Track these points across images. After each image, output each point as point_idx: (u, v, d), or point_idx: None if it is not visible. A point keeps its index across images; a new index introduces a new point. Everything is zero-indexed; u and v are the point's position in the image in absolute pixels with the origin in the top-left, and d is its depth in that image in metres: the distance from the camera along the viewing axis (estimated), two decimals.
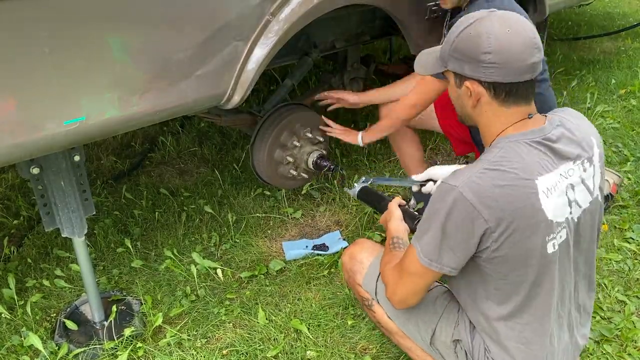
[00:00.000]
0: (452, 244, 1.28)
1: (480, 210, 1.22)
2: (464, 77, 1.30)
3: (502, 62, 1.23)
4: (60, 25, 1.34)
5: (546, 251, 1.28)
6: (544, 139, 1.30)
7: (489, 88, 1.28)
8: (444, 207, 1.26)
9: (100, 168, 3.02)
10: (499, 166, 1.25)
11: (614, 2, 6.42)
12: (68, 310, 1.99)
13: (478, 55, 1.25)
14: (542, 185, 1.26)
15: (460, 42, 1.29)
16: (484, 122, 1.36)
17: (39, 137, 1.40)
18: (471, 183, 1.24)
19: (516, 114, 1.31)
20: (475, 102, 1.32)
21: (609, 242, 2.39)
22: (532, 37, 1.26)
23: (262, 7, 1.75)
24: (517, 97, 1.29)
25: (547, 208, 1.26)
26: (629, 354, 1.85)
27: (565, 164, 1.31)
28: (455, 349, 1.49)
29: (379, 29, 2.73)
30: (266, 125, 2.35)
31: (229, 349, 1.88)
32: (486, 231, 1.24)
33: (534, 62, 1.25)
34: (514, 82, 1.25)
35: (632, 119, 3.56)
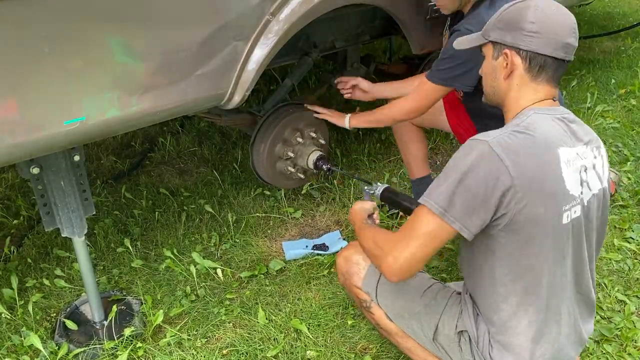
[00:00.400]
0: (470, 196, 1.23)
1: (509, 166, 1.23)
2: (504, 45, 1.38)
3: (543, 32, 1.31)
4: (60, 25, 1.34)
5: (561, 221, 1.29)
6: (564, 117, 1.37)
7: (525, 58, 1.35)
8: (469, 158, 1.26)
9: (100, 168, 3.02)
10: (527, 130, 1.30)
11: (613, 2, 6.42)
12: (68, 310, 1.99)
13: (523, 23, 1.33)
14: (564, 155, 1.30)
15: (508, 13, 1.38)
16: (513, 96, 1.41)
17: (39, 137, 1.40)
18: (501, 140, 1.26)
19: (544, 92, 1.38)
20: (509, 72, 1.39)
21: (609, 242, 2.39)
22: (573, 22, 1.35)
23: (262, 7, 1.75)
24: (548, 75, 1.36)
25: (566, 177, 1.30)
26: (629, 354, 1.85)
27: (581, 145, 1.36)
28: (459, 341, 1.48)
29: (378, 29, 2.73)
30: (266, 125, 2.35)
31: (229, 349, 1.88)
32: (509, 189, 1.23)
33: (569, 43, 1.34)
34: (548, 55, 1.33)
35: (632, 118, 3.56)
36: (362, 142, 3.18)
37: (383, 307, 1.61)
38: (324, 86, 2.91)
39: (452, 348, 1.49)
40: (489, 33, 1.42)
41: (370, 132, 3.31)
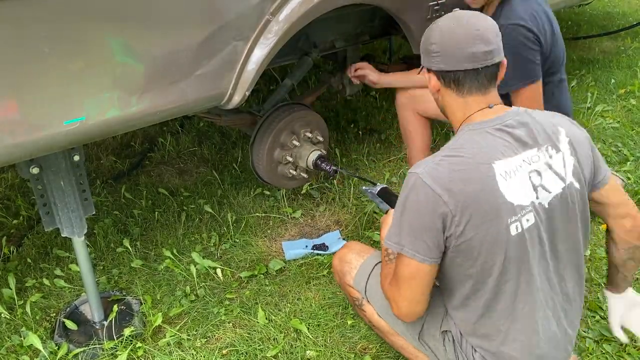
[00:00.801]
0: (415, 226, 1.31)
1: (440, 194, 1.28)
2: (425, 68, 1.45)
3: (442, 51, 1.36)
4: (60, 25, 1.34)
5: (510, 233, 1.30)
6: (504, 125, 1.36)
7: (439, 77, 1.40)
8: (406, 192, 1.34)
9: (99, 168, 3.02)
10: (456, 153, 1.33)
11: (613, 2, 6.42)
12: (68, 310, 1.99)
13: (427, 45, 1.40)
14: (500, 168, 1.30)
15: (423, 37, 1.45)
16: (449, 112, 1.46)
17: (39, 137, 1.40)
18: (430, 169, 1.31)
19: (473, 104, 1.39)
20: (435, 91, 1.45)
21: None
22: (475, 29, 1.34)
23: (262, 7, 1.75)
24: (470, 86, 1.37)
25: (506, 191, 1.30)
26: (629, 354, 1.85)
27: (529, 150, 1.35)
28: (444, 341, 1.51)
29: (378, 29, 2.73)
30: (266, 125, 2.35)
31: (228, 349, 1.88)
32: (447, 215, 1.28)
33: (475, 52, 1.33)
34: (457, 70, 1.35)
35: (632, 118, 3.56)
36: (362, 142, 3.18)
37: (373, 304, 1.64)
38: (323, 86, 2.91)
39: (437, 347, 1.53)
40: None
41: (370, 132, 3.31)
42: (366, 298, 1.65)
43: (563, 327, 1.47)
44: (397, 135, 3.27)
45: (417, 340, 1.56)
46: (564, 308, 1.47)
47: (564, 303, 1.47)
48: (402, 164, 3.02)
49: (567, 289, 1.47)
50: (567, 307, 1.48)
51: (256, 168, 2.43)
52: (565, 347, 1.48)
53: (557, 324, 1.45)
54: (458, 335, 1.48)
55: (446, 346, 1.51)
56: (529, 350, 1.40)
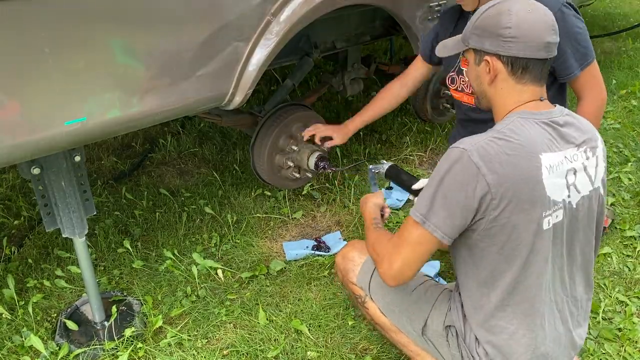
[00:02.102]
0: (449, 202, 1.28)
1: (485, 174, 1.24)
2: (484, 52, 1.38)
3: (521, 36, 1.31)
4: (60, 25, 1.34)
5: (542, 227, 1.30)
6: (552, 121, 1.35)
7: (506, 63, 1.35)
8: (447, 166, 1.29)
9: (101, 168, 3.02)
10: (507, 137, 1.29)
11: (614, 3, 6.42)
12: (69, 311, 1.99)
13: (499, 29, 1.33)
14: (546, 161, 1.29)
15: (483, 19, 1.38)
16: (499, 100, 1.41)
17: (40, 137, 1.40)
18: (479, 147, 1.27)
19: (529, 93, 1.37)
20: (492, 77, 1.39)
21: (610, 243, 2.39)
22: (551, 19, 1.34)
23: (263, 7, 1.75)
24: (532, 75, 1.36)
25: (547, 184, 1.29)
26: (629, 354, 1.85)
27: (570, 148, 1.35)
28: (447, 336, 1.50)
29: (379, 29, 2.73)
30: (267, 126, 2.35)
31: (229, 350, 1.88)
32: (486, 195, 1.25)
33: (550, 42, 1.33)
34: (530, 57, 1.32)
35: (633, 119, 3.56)
36: (363, 143, 3.18)
37: (376, 301, 1.64)
38: (324, 86, 2.91)
39: (440, 343, 1.52)
40: (468, 40, 1.43)
41: (371, 133, 3.31)
42: (369, 295, 1.65)
43: (569, 330, 1.47)
44: (398, 136, 3.27)
45: (420, 336, 1.55)
46: (571, 311, 1.47)
47: (572, 306, 1.47)
48: (403, 164, 3.03)
49: (576, 293, 1.48)
50: (574, 311, 1.48)
51: (257, 169, 2.43)
52: (569, 352, 1.48)
53: (563, 325, 1.45)
54: (462, 329, 1.47)
55: (449, 341, 1.50)
56: (534, 347, 1.39)
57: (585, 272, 1.49)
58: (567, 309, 1.46)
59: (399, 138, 3.25)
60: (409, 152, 3.12)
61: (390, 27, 2.74)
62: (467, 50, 1.45)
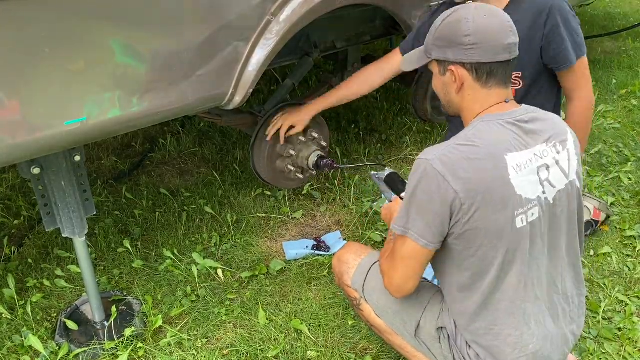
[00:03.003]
0: (423, 211, 1.31)
1: (450, 181, 1.27)
2: (448, 62, 1.40)
3: (481, 42, 1.33)
4: (60, 25, 1.34)
5: (515, 225, 1.31)
6: (517, 120, 1.37)
7: (471, 70, 1.37)
8: (416, 178, 1.33)
9: (100, 168, 3.02)
10: (469, 142, 1.32)
11: (614, 2, 6.42)
12: (69, 310, 1.99)
13: (459, 38, 1.35)
14: (512, 161, 1.31)
15: (442, 30, 1.40)
16: (466, 107, 1.43)
17: (40, 137, 1.40)
18: (442, 156, 1.30)
19: (495, 96, 1.39)
20: (459, 86, 1.41)
21: (610, 242, 2.39)
22: (507, 20, 1.37)
23: (263, 7, 1.75)
24: (497, 79, 1.38)
25: (516, 183, 1.30)
26: (629, 354, 1.85)
27: (539, 145, 1.37)
28: (439, 338, 1.52)
29: (379, 29, 2.73)
30: (267, 126, 2.35)
31: (229, 349, 1.88)
32: (455, 202, 1.28)
33: (510, 43, 1.35)
34: (493, 62, 1.35)
35: (633, 119, 3.56)
36: (363, 143, 3.18)
37: (370, 303, 1.64)
38: (324, 86, 2.91)
39: (433, 345, 1.54)
40: (430, 52, 1.44)
41: (371, 132, 3.31)
42: (364, 297, 1.66)
43: (561, 327, 1.47)
44: (398, 136, 3.27)
45: (413, 338, 1.56)
46: (563, 308, 1.47)
47: (563, 303, 1.47)
48: (403, 164, 3.03)
49: (566, 288, 1.48)
50: (566, 307, 1.48)
51: (257, 168, 2.43)
52: (562, 349, 1.48)
53: (554, 323, 1.45)
54: (453, 332, 1.48)
55: (442, 343, 1.51)
56: (522, 345, 1.39)
57: (572, 266, 1.49)
58: (559, 306, 1.46)
59: (399, 138, 3.25)
60: (409, 152, 3.12)
61: (390, 27, 2.74)
62: (430, 62, 1.47)
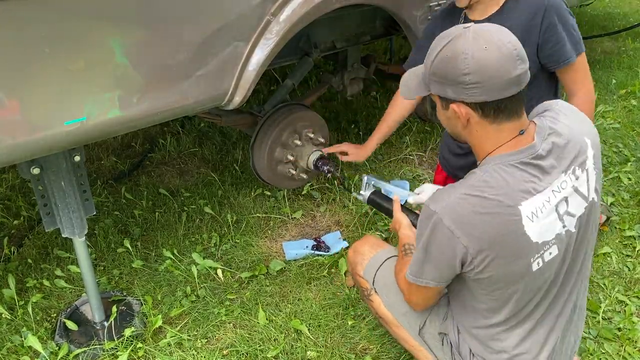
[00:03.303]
0: (435, 263, 1.33)
1: (459, 237, 1.23)
2: (449, 99, 1.26)
3: (484, 81, 1.18)
4: (60, 25, 1.34)
5: (531, 270, 1.29)
6: (533, 157, 1.25)
7: (475, 108, 1.23)
8: (426, 230, 1.29)
9: (100, 168, 3.02)
10: (480, 192, 1.22)
11: (614, 2, 6.42)
12: (68, 311, 1.99)
13: (458, 77, 1.20)
14: (527, 210, 1.22)
15: (438, 65, 1.24)
16: (476, 142, 1.32)
17: (40, 137, 1.40)
18: (450, 210, 1.23)
19: (507, 132, 1.26)
20: (465, 123, 1.28)
21: (610, 242, 2.39)
22: (512, 48, 1.19)
23: (263, 7, 1.75)
24: (508, 113, 1.24)
25: (531, 232, 1.24)
26: (629, 354, 1.85)
27: (558, 177, 1.28)
28: (442, 342, 1.54)
29: (379, 29, 2.73)
30: (266, 126, 2.35)
31: (229, 349, 1.88)
32: (466, 256, 1.26)
33: (518, 75, 1.19)
34: (501, 98, 1.20)
35: (633, 119, 3.56)
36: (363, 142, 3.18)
37: (380, 295, 1.66)
38: (324, 86, 2.91)
39: (435, 346, 1.56)
40: (429, 86, 1.30)
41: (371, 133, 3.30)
42: (374, 289, 1.67)
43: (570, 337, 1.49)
44: (398, 136, 3.27)
45: (417, 336, 1.58)
46: (573, 320, 1.49)
47: (576, 318, 1.49)
48: (403, 164, 3.03)
49: (578, 302, 1.49)
50: (576, 319, 1.50)
51: (257, 168, 2.43)
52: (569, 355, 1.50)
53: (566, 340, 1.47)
54: (456, 341, 1.50)
55: (444, 348, 1.54)
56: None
57: (586, 279, 1.50)
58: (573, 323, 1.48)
59: (398, 138, 3.25)
60: (408, 152, 3.12)
61: (390, 27, 2.74)
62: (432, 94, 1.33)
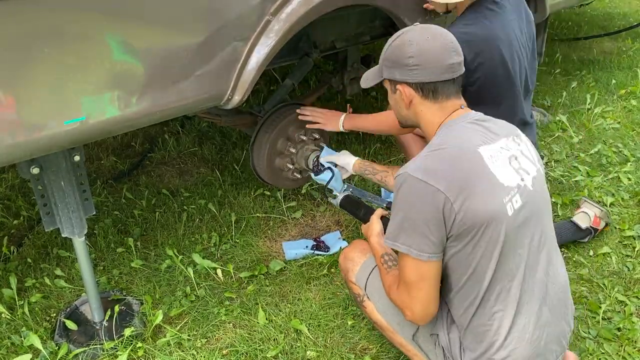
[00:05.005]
0: (415, 225, 1.33)
1: (434, 184, 1.30)
2: (396, 82, 1.50)
3: (423, 63, 1.43)
4: (60, 24, 1.34)
5: (507, 213, 1.33)
6: (476, 119, 1.46)
7: (417, 89, 1.47)
8: (399, 192, 1.37)
9: (100, 168, 3.02)
10: (441, 147, 1.39)
11: (614, 3, 6.43)
12: (68, 310, 1.99)
13: (403, 59, 1.46)
14: (486, 153, 1.37)
15: (389, 51, 1.52)
16: (424, 121, 1.52)
17: (39, 137, 1.40)
18: (418, 165, 1.36)
19: (450, 107, 1.48)
20: (408, 103, 1.51)
21: (609, 242, 2.39)
22: (450, 41, 1.46)
23: (263, 7, 1.75)
24: (445, 94, 1.47)
25: (496, 172, 1.35)
26: (629, 354, 1.85)
27: (502, 139, 1.44)
28: (435, 344, 1.54)
29: (379, 29, 2.73)
30: (266, 126, 2.35)
31: (229, 349, 1.88)
32: (445, 203, 1.29)
33: (452, 63, 1.44)
34: (437, 81, 1.44)
35: (632, 119, 3.56)
36: (363, 143, 3.18)
37: (372, 301, 1.66)
38: (324, 86, 2.91)
39: (429, 349, 1.56)
40: (382, 72, 1.55)
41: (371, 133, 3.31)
42: (366, 295, 1.67)
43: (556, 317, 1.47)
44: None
45: (411, 340, 1.58)
46: (559, 297, 1.48)
47: (559, 292, 1.49)
48: (402, 163, 3.02)
49: (557, 274, 1.49)
50: (561, 295, 1.50)
51: (256, 168, 2.43)
52: (559, 339, 1.48)
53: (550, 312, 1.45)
54: (447, 342, 1.49)
55: (437, 350, 1.53)
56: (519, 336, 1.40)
57: (556, 251, 1.52)
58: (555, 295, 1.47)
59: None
60: None
61: (390, 27, 2.74)
62: (384, 80, 1.56)
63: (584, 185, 2.79)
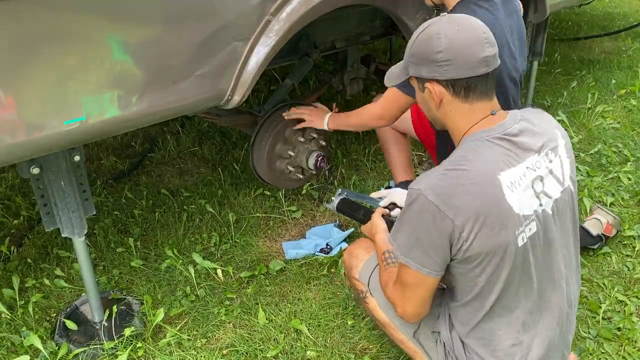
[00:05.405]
0: (421, 244, 1.30)
1: (445, 210, 1.25)
2: (424, 79, 1.37)
3: (454, 58, 1.30)
4: (60, 25, 1.34)
5: (517, 245, 1.30)
6: (505, 134, 1.33)
7: (447, 86, 1.34)
8: (410, 208, 1.31)
9: (100, 168, 3.02)
10: (460, 166, 1.29)
11: (614, 2, 6.43)
12: (68, 310, 1.99)
13: (431, 55, 1.32)
14: (506, 179, 1.28)
15: (415, 47, 1.37)
16: (451, 123, 1.40)
17: (39, 137, 1.40)
18: (433, 185, 1.28)
19: (479, 111, 1.35)
20: (438, 102, 1.37)
21: (609, 242, 2.39)
22: (482, 32, 1.32)
23: (263, 7, 1.75)
24: (477, 92, 1.33)
25: (512, 202, 1.28)
26: (629, 354, 1.85)
27: (531, 157, 1.34)
28: (436, 341, 1.53)
29: (379, 29, 2.73)
30: (266, 126, 2.35)
31: (229, 349, 1.88)
32: (454, 231, 1.26)
33: (487, 56, 1.30)
34: (470, 77, 1.30)
35: (632, 119, 3.56)
36: (363, 143, 3.18)
37: (375, 297, 1.66)
38: (324, 86, 2.91)
39: (430, 347, 1.55)
40: (407, 69, 1.42)
41: (371, 133, 3.31)
42: (369, 291, 1.67)
43: (562, 331, 1.48)
44: None
45: (412, 338, 1.58)
46: (567, 313, 1.48)
47: (567, 307, 1.48)
48: None
49: (571, 294, 1.48)
50: (569, 311, 1.49)
51: (256, 168, 2.43)
52: (562, 351, 1.49)
53: (559, 330, 1.46)
54: (449, 340, 1.49)
55: (438, 348, 1.53)
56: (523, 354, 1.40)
57: (575, 270, 1.50)
58: (564, 314, 1.47)
59: None
60: None
61: (390, 27, 2.74)
62: (410, 78, 1.43)
63: (584, 185, 2.79)
